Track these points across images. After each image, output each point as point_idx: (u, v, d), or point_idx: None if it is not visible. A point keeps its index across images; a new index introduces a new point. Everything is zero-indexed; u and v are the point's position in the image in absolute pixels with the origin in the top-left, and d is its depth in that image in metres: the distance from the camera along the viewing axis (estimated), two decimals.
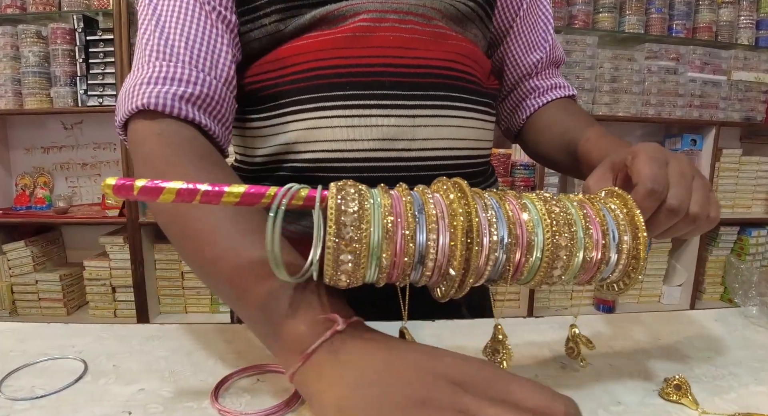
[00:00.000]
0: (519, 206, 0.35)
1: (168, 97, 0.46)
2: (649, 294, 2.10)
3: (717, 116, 1.99)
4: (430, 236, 0.31)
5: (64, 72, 1.73)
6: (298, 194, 0.32)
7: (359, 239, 0.30)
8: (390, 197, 0.32)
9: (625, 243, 0.35)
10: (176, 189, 0.29)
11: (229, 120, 0.53)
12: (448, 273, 0.32)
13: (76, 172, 2.01)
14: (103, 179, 1.03)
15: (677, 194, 0.38)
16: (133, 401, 0.37)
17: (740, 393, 0.40)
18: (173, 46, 0.48)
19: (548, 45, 0.67)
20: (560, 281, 0.36)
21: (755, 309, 0.58)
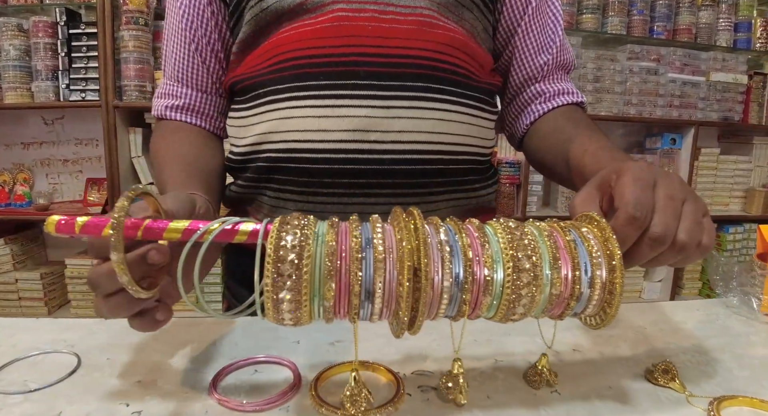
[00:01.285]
0: (479, 240, 0.32)
1: (162, 109, 0.65)
2: (630, 290, 2.14)
3: (696, 115, 2.04)
4: (377, 274, 0.29)
5: (45, 66, 1.70)
6: (241, 229, 0.31)
7: (299, 277, 0.29)
8: (335, 232, 0.31)
9: (599, 278, 0.32)
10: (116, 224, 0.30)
11: (213, 114, 0.66)
12: (397, 313, 0.31)
13: (57, 168, 1.97)
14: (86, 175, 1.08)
15: (662, 221, 0.34)
16: (130, 393, 0.37)
17: (725, 377, 0.42)
18: (169, 68, 0.65)
19: (556, 47, 0.64)
20: (526, 317, 0.34)
21: (736, 299, 0.60)
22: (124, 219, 0.30)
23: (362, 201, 0.55)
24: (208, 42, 0.62)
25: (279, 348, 0.44)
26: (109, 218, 0.30)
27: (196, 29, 0.61)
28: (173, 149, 0.60)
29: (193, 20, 0.61)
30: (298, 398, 0.36)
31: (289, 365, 0.40)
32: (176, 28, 0.62)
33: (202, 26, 0.61)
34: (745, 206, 2.19)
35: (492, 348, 0.46)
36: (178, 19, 0.62)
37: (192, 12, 0.61)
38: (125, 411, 0.34)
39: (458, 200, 0.60)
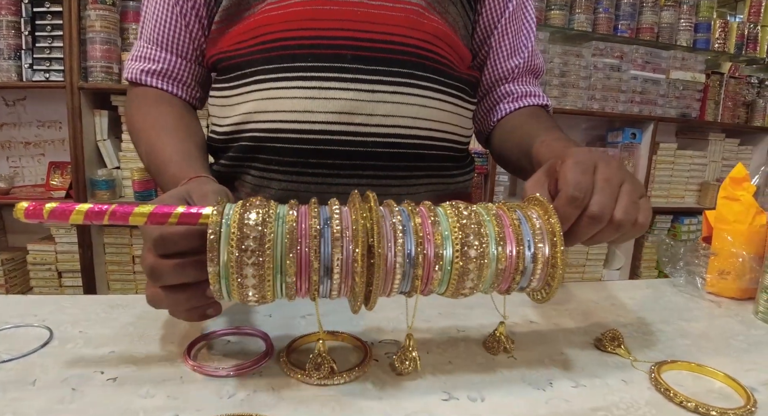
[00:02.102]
0: (430, 220, 0.34)
1: (137, 72, 0.62)
2: (591, 277, 2.23)
3: (655, 112, 2.12)
4: (334, 250, 0.31)
5: (7, 45, 1.62)
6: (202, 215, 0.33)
7: (262, 252, 0.30)
8: (296, 211, 0.32)
9: (541, 253, 0.35)
10: (84, 211, 0.32)
11: (191, 83, 0.64)
12: (353, 288, 0.33)
13: (19, 151, 1.90)
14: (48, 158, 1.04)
15: (599, 200, 0.37)
16: (104, 362, 0.38)
17: (667, 345, 0.45)
18: (148, 30, 0.62)
19: (528, 52, 0.68)
20: (475, 292, 0.36)
21: (682, 279, 0.65)
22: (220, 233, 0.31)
23: (345, 182, 0.56)
24: (194, 5, 0.61)
25: (252, 322, 0.46)
26: (74, 204, 0.32)
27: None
28: (164, 123, 0.58)
29: None
30: (271, 364, 0.38)
31: (261, 335, 0.42)
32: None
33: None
34: (699, 198, 2.31)
35: (454, 320, 0.48)
36: None
37: None
38: (101, 377, 0.36)
39: (436, 185, 0.62)
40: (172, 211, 0.33)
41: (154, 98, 0.62)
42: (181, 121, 0.59)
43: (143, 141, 0.57)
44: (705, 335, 0.48)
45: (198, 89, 0.66)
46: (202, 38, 0.63)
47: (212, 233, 0.31)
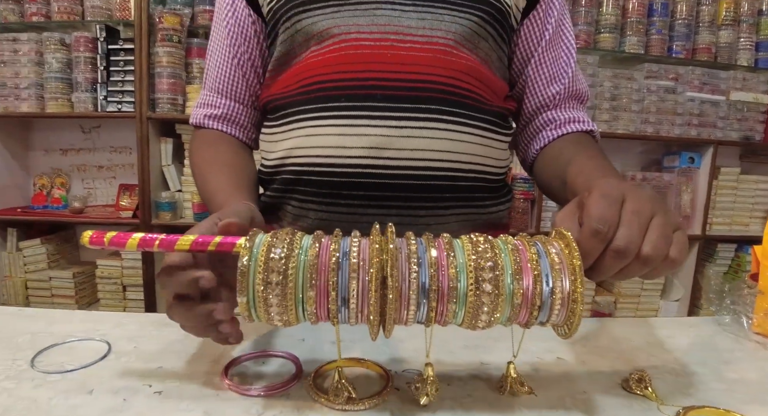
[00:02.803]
0: (446, 252, 0.35)
1: (201, 117, 0.71)
2: (647, 308, 2.12)
3: (715, 134, 2.03)
4: (351, 282, 0.33)
5: (85, 78, 1.81)
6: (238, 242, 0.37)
7: (284, 285, 0.33)
8: (317, 245, 0.35)
9: (559, 289, 0.34)
10: (137, 240, 0.37)
11: (248, 125, 0.72)
12: (369, 317, 0.34)
13: (92, 174, 2.08)
14: (119, 181, 1.17)
15: (625, 234, 0.35)
16: (153, 376, 0.42)
17: (700, 389, 0.43)
18: (211, 80, 0.71)
19: (568, 78, 0.67)
20: (493, 325, 0.36)
21: (728, 318, 0.62)
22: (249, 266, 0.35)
23: (376, 212, 0.59)
24: (249, 57, 0.68)
25: (286, 345, 0.49)
26: (130, 234, 0.37)
27: (240, 45, 0.67)
28: (219, 159, 0.65)
29: (236, 37, 0.67)
30: (298, 387, 0.41)
31: (292, 359, 0.45)
32: (221, 43, 0.68)
33: (245, 43, 0.67)
34: (765, 226, 2.15)
35: (479, 353, 0.49)
36: (223, 35, 0.68)
37: (236, 29, 0.67)
38: (148, 390, 0.40)
39: (467, 215, 0.63)
40: (210, 241, 0.37)
41: (213, 138, 0.69)
42: (235, 157, 0.66)
43: (199, 175, 0.65)
44: (743, 379, 0.46)
45: (254, 131, 0.73)
46: (257, 85, 0.70)
47: (241, 267, 0.34)
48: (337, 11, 0.59)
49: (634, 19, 1.94)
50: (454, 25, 0.60)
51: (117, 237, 0.37)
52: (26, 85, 1.83)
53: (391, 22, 0.58)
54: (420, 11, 0.59)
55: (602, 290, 2.14)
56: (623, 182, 0.40)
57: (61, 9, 1.78)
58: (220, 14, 0.68)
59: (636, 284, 2.08)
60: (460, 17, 0.60)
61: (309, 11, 0.60)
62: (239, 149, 0.69)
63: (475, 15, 0.60)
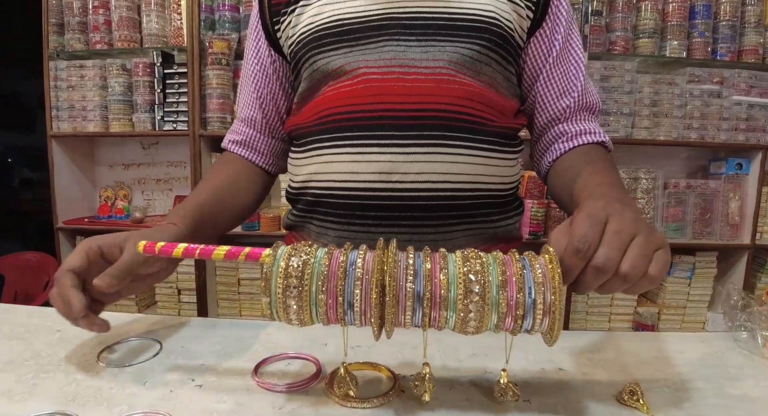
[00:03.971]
0: (439, 266, 0.40)
1: (227, 142, 0.81)
2: (693, 321, 2.05)
3: (765, 139, 1.94)
4: (355, 289, 0.39)
5: (144, 100, 1.96)
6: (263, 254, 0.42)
7: (300, 290, 0.39)
8: (329, 257, 0.40)
9: (541, 300, 0.38)
10: (182, 249, 0.44)
11: (265, 151, 0.80)
12: (371, 320, 0.39)
13: (151, 186, 2.26)
14: (174, 193, 1.36)
15: (605, 253, 0.38)
16: (195, 372, 0.49)
17: (696, 404, 0.45)
18: (238, 108, 0.81)
19: (577, 91, 0.70)
20: (481, 331, 0.40)
21: (745, 334, 0.60)
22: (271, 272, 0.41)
23: (388, 231, 0.64)
24: (271, 96, 0.77)
25: (311, 348, 0.55)
26: (176, 244, 0.44)
27: (261, 87, 0.77)
28: (211, 180, 0.74)
29: (259, 79, 0.76)
30: (317, 386, 0.47)
31: (314, 361, 0.51)
32: (247, 81, 0.78)
33: (267, 84, 0.76)
34: None
35: (485, 361, 0.53)
36: (249, 74, 0.77)
37: (259, 70, 0.76)
38: (191, 384, 0.47)
39: (474, 230, 0.68)
40: (242, 251, 0.42)
41: (226, 160, 0.80)
42: (226, 180, 0.75)
43: (192, 193, 0.73)
44: (745, 397, 0.46)
45: (270, 156, 0.81)
46: (276, 121, 0.79)
47: (266, 271, 0.40)
48: (349, 51, 0.65)
49: (675, 23, 1.90)
50: (456, 54, 0.64)
51: (166, 247, 0.44)
52: (92, 107, 2.00)
53: (397, 56, 0.64)
54: (423, 45, 0.64)
55: (646, 301, 2.09)
56: (612, 203, 0.43)
57: (122, 37, 1.94)
58: (248, 54, 0.78)
59: (681, 295, 2.02)
60: (461, 46, 0.64)
61: (324, 52, 0.66)
62: (241, 173, 0.78)
63: (476, 43, 0.64)
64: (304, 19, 0.68)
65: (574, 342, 0.58)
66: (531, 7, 0.68)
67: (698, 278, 2.01)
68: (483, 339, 0.57)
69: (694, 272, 2.00)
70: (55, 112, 2.02)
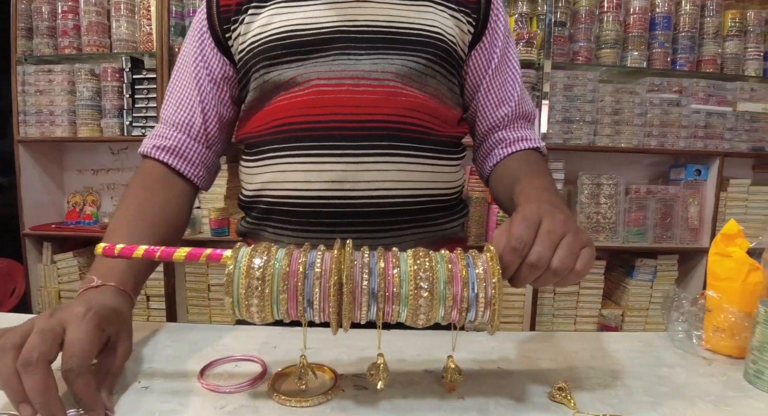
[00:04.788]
0: (392, 264, 0.43)
1: (149, 147, 0.71)
2: (656, 322, 2.11)
3: (722, 146, 2.02)
4: (314, 287, 0.41)
5: (112, 105, 1.95)
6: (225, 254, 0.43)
7: (262, 290, 0.41)
8: (289, 257, 0.42)
9: (483, 294, 0.42)
10: (142, 251, 0.44)
11: (197, 162, 0.73)
12: (329, 316, 0.42)
13: (121, 192, 2.23)
14: None
15: (538, 251, 0.43)
16: (143, 374, 0.51)
17: (623, 400, 0.47)
18: (168, 113, 0.73)
19: (515, 101, 0.75)
20: (431, 322, 0.43)
21: (682, 333, 0.63)
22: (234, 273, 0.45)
23: (341, 237, 0.65)
24: (218, 100, 0.73)
25: (260, 351, 0.56)
26: (136, 246, 0.44)
27: (207, 89, 0.72)
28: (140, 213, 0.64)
29: (204, 81, 0.72)
30: (260, 386, 0.49)
31: (260, 362, 0.53)
32: (187, 83, 0.72)
33: (213, 91, 0.73)
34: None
35: (428, 361, 0.55)
36: (191, 77, 0.72)
37: (204, 73, 0.72)
38: (138, 386, 0.48)
39: (423, 233, 0.71)
40: (202, 252, 0.44)
41: (154, 180, 0.70)
42: (161, 215, 0.66)
43: (117, 216, 0.64)
44: (674, 393, 0.49)
45: (202, 170, 0.74)
46: (215, 129, 0.73)
47: (228, 272, 0.42)
48: (301, 64, 0.67)
49: (636, 34, 1.97)
50: (403, 67, 0.67)
51: (125, 249, 0.45)
52: (60, 112, 1.98)
53: (347, 68, 0.66)
54: (372, 57, 0.67)
55: (610, 303, 2.15)
56: (544, 206, 0.47)
57: (91, 42, 1.93)
58: (188, 57, 0.73)
59: (644, 297, 2.08)
60: (408, 60, 0.67)
61: (276, 65, 0.68)
62: (170, 197, 0.69)
63: (422, 57, 0.68)
64: (254, 29, 0.69)
65: (517, 342, 0.61)
66: (472, 22, 0.72)
67: (660, 281, 2.08)
68: (427, 341, 0.60)
69: (656, 275, 2.07)
70: (22, 117, 2.00)
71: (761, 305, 0.52)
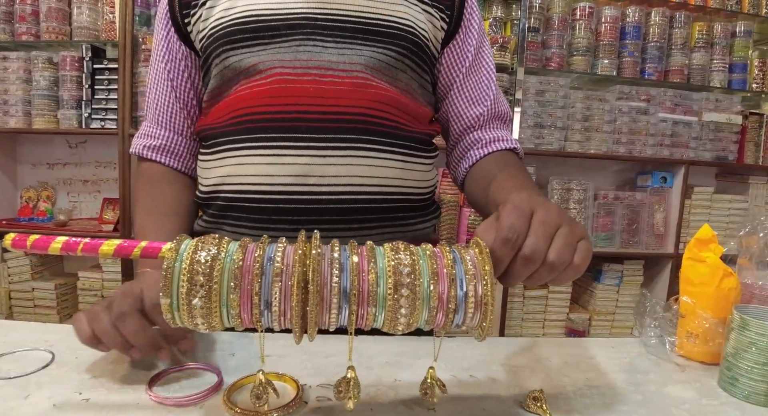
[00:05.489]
0: (367, 259, 0.37)
1: (140, 148, 0.73)
2: (622, 326, 2.14)
3: (688, 155, 2.08)
4: (273, 286, 0.34)
5: (71, 96, 1.85)
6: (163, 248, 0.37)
7: (209, 288, 0.34)
8: (242, 251, 0.36)
9: (473, 293, 0.36)
10: (60, 243, 0.38)
11: (186, 155, 0.75)
12: (291, 321, 0.35)
13: (78, 188, 2.12)
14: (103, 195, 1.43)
15: (533, 242, 0.38)
16: (84, 385, 0.46)
17: (598, 410, 0.46)
18: (151, 112, 0.73)
19: (490, 100, 0.73)
20: (412, 327, 0.37)
21: (654, 339, 0.63)
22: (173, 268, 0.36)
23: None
24: (188, 89, 0.72)
25: (216, 358, 0.52)
26: (53, 237, 0.38)
27: (177, 78, 0.71)
28: (157, 207, 0.70)
29: (174, 71, 0.71)
30: (214, 398, 0.45)
31: (215, 371, 0.49)
32: (160, 76, 0.72)
33: (181, 76, 0.71)
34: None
35: (396, 370, 0.52)
36: (161, 68, 0.71)
37: (173, 63, 0.71)
38: (78, 398, 0.43)
39: (392, 233, 0.67)
40: (136, 245, 0.38)
41: (157, 178, 0.73)
42: (173, 203, 0.71)
43: (139, 211, 0.70)
44: (648, 400, 0.48)
45: (192, 161, 0.75)
46: (195, 117, 0.73)
47: (167, 268, 0.35)
48: (263, 49, 0.63)
49: (607, 42, 2.00)
50: (372, 59, 0.64)
51: (40, 240, 0.37)
52: (14, 102, 1.87)
53: (313, 57, 0.63)
54: (340, 47, 0.64)
55: (577, 308, 2.17)
56: (534, 197, 0.43)
57: (50, 29, 1.84)
58: (157, 47, 0.71)
59: (611, 301, 2.11)
60: (378, 51, 0.64)
61: (236, 49, 0.64)
62: (180, 191, 0.73)
63: (392, 49, 0.65)
64: (216, 13, 0.66)
65: (490, 349, 0.59)
66: (445, 18, 0.70)
67: (626, 286, 2.12)
68: (397, 348, 0.57)
69: (622, 280, 2.10)
70: None
71: (736, 312, 0.52)
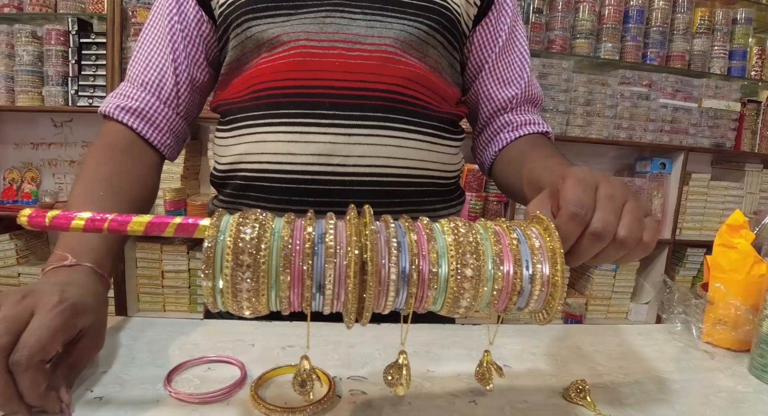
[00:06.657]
0: (426, 236, 0.34)
1: (111, 107, 0.63)
2: (617, 311, 2.16)
3: (687, 141, 2.07)
4: (327, 266, 0.31)
5: (56, 72, 1.77)
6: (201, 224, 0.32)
7: (256, 268, 0.30)
8: (290, 227, 0.32)
9: (539, 274, 0.34)
10: (85, 219, 0.32)
11: (164, 128, 0.65)
12: (346, 304, 0.32)
13: (64, 169, 2.04)
14: None
15: (602, 217, 0.36)
16: (95, 381, 0.42)
17: (639, 399, 0.44)
18: (136, 72, 0.65)
19: (524, 82, 0.69)
20: (472, 311, 0.34)
21: (679, 326, 0.62)
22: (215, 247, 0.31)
23: None
24: (192, 60, 0.65)
25: (235, 350, 0.49)
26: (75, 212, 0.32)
27: (182, 48, 0.64)
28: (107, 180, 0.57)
29: (179, 38, 0.64)
30: (240, 394, 0.41)
31: (238, 364, 0.45)
32: (160, 40, 0.64)
33: (189, 45, 0.65)
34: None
35: (427, 361, 0.49)
36: (164, 32, 0.64)
37: (180, 30, 0.64)
38: (89, 395, 0.39)
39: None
40: (170, 221, 0.33)
41: (122, 147, 0.62)
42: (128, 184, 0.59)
43: (79, 190, 0.56)
44: (685, 389, 0.47)
45: (170, 138, 0.66)
46: (186, 90, 0.66)
47: (209, 247, 0.30)
48: (287, 20, 0.59)
49: (610, 26, 1.97)
50: (403, 33, 0.60)
51: (61, 216, 0.32)
52: None
53: (340, 29, 0.59)
54: (368, 19, 0.60)
55: (574, 292, 2.17)
56: (594, 170, 0.40)
57: (34, 1, 1.75)
58: (163, 10, 0.65)
59: (607, 286, 2.12)
60: (408, 25, 0.61)
61: (259, 18, 0.60)
62: (142, 170, 0.62)
63: (424, 23, 0.61)
64: None
65: (515, 337, 0.57)
66: None
67: (622, 271, 2.13)
68: (423, 337, 0.54)
69: (618, 265, 2.11)
70: None
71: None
